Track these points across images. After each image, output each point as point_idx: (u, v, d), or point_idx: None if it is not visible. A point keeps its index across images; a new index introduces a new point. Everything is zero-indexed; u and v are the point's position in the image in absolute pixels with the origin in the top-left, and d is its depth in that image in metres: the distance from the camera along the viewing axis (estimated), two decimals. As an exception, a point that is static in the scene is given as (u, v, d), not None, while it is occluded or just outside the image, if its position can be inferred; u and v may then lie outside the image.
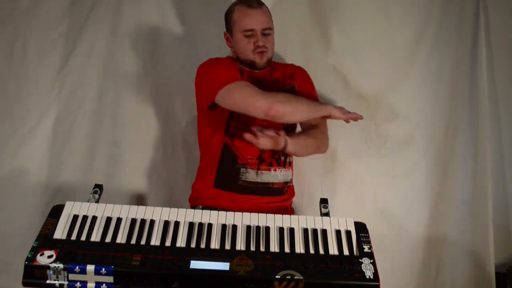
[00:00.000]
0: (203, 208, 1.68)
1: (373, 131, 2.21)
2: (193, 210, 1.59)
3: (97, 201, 1.63)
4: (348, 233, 1.56)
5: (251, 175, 1.81)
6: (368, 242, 1.54)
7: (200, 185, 1.90)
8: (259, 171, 1.81)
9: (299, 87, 1.93)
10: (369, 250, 1.50)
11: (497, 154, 2.24)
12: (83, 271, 1.37)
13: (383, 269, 1.46)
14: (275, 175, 1.84)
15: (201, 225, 1.54)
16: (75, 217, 1.53)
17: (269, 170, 1.83)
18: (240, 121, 1.80)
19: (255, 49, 1.80)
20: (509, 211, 2.31)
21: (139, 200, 2.27)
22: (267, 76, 1.88)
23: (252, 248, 1.49)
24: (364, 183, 2.24)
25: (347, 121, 1.79)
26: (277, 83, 1.90)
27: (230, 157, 1.82)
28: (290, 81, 1.92)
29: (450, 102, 2.21)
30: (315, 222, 1.59)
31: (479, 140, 2.18)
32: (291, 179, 1.94)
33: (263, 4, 1.84)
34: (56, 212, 1.54)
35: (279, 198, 1.86)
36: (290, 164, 1.91)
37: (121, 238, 1.49)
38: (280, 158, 1.85)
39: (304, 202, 2.23)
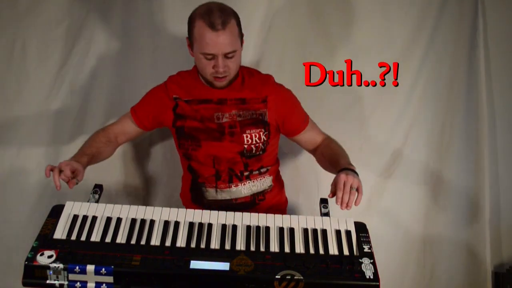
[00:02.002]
0: None
1: (369, 130, 2.21)
2: (193, 210, 1.59)
3: (97, 201, 1.63)
4: (348, 233, 1.56)
5: (211, 194, 1.81)
6: (368, 242, 1.54)
7: (184, 199, 1.94)
8: (218, 189, 1.80)
9: (271, 115, 1.76)
10: (369, 250, 1.50)
11: (492, 154, 2.25)
12: (83, 271, 1.37)
13: (380, 269, 1.45)
14: (237, 191, 1.81)
15: (201, 225, 1.54)
16: (75, 217, 1.53)
17: (229, 187, 1.80)
18: (188, 143, 1.78)
19: (215, 74, 1.65)
20: (507, 211, 2.32)
21: (140, 200, 2.27)
22: (230, 93, 1.75)
23: (252, 248, 1.49)
24: (362, 183, 2.24)
25: None
26: (242, 103, 1.75)
27: (194, 176, 1.83)
28: (260, 107, 1.76)
29: (447, 102, 2.21)
30: (315, 222, 1.59)
31: (476, 140, 2.19)
32: (270, 186, 1.87)
33: (230, 20, 1.59)
34: (56, 212, 1.55)
35: (251, 210, 1.80)
36: (266, 172, 1.85)
37: (121, 238, 1.49)
38: (242, 174, 1.79)
39: (301, 202, 2.23)
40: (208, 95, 1.75)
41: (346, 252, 1.51)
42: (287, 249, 1.50)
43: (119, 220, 1.54)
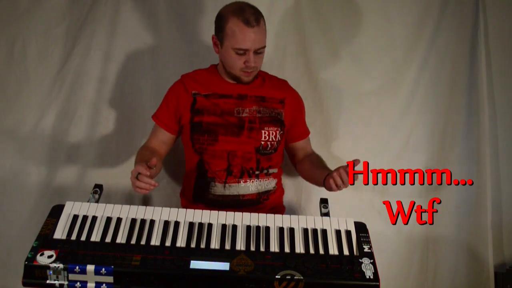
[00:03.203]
0: None
1: (371, 130, 2.22)
2: (193, 210, 1.59)
3: (97, 201, 1.63)
4: (348, 233, 1.56)
5: (219, 189, 1.82)
6: (368, 242, 1.54)
7: (183, 198, 1.94)
8: (226, 184, 1.81)
9: (287, 116, 1.87)
10: (369, 250, 1.50)
11: (494, 154, 2.24)
12: (83, 271, 1.37)
13: (381, 269, 1.45)
14: (246, 187, 1.83)
15: (201, 225, 1.54)
16: (75, 217, 1.53)
17: (238, 182, 1.81)
18: (204, 138, 1.81)
19: (244, 68, 1.74)
20: (508, 211, 2.31)
21: (140, 200, 2.27)
22: (251, 90, 1.84)
23: (252, 248, 1.49)
24: (361, 182, 2.24)
25: None
26: (262, 101, 1.84)
27: (203, 171, 1.84)
28: (277, 107, 1.86)
29: (449, 102, 2.21)
30: (315, 222, 1.59)
31: (478, 140, 2.19)
32: (274, 188, 1.91)
33: (261, 18, 1.71)
34: (56, 212, 1.55)
35: (254, 207, 1.84)
36: (272, 174, 1.89)
37: (121, 238, 1.49)
38: (252, 172, 1.83)
39: (302, 202, 2.23)
40: (228, 91, 1.82)
41: (346, 252, 1.51)
42: (287, 249, 1.50)
43: (119, 220, 1.53)
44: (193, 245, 1.48)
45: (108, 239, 1.48)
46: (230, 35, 1.68)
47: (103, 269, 1.38)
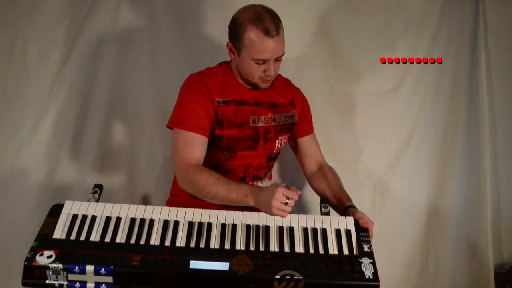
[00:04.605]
0: None
1: (373, 130, 2.22)
2: (192, 209, 1.59)
3: (97, 201, 1.63)
4: (348, 232, 1.56)
5: None
6: (368, 242, 1.53)
7: (175, 195, 1.87)
8: None
9: (299, 116, 1.85)
10: (369, 250, 1.50)
11: (493, 155, 2.24)
12: (83, 271, 1.37)
13: (381, 269, 1.45)
14: None
15: (200, 224, 1.54)
16: (75, 217, 1.53)
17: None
18: (222, 154, 1.74)
19: (264, 77, 1.66)
20: (508, 211, 2.31)
21: (140, 200, 2.27)
22: (265, 95, 1.76)
23: (252, 248, 1.49)
24: (363, 182, 2.25)
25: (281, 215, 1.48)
26: (274, 107, 1.78)
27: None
28: (290, 109, 1.82)
29: (449, 102, 2.21)
30: (315, 221, 1.59)
31: (478, 140, 2.19)
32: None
33: (280, 24, 1.60)
34: (55, 211, 1.54)
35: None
36: (268, 175, 1.91)
37: (120, 238, 1.48)
38: (261, 177, 1.85)
39: (303, 202, 2.23)
40: (245, 96, 1.74)
41: (346, 251, 1.50)
42: (287, 249, 1.50)
43: (118, 219, 1.53)
44: (192, 244, 1.48)
45: (107, 238, 1.48)
46: (249, 46, 1.59)
47: (103, 269, 1.37)
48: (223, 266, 1.41)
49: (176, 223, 1.54)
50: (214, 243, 1.49)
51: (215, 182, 1.55)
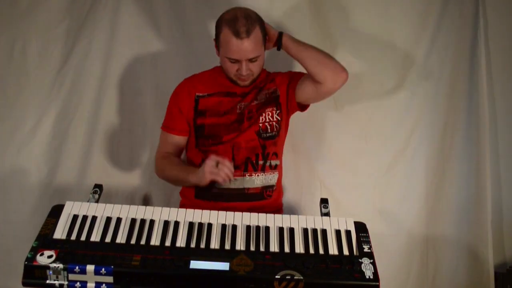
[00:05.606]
0: None
1: (373, 130, 2.22)
2: (193, 210, 1.59)
3: (97, 201, 1.63)
4: (348, 233, 1.56)
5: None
6: (368, 242, 1.53)
7: (184, 197, 1.94)
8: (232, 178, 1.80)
9: (280, 86, 1.89)
10: (369, 250, 1.50)
11: (494, 155, 2.24)
12: (83, 271, 1.38)
13: (381, 269, 1.45)
14: (251, 180, 1.83)
15: (201, 225, 1.54)
16: (75, 217, 1.53)
17: (243, 175, 1.82)
18: (208, 142, 1.84)
19: (237, 75, 1.76)
20: (509, 211, 2.31)
21: (140, 200, 2.27)
22: (253, 87, 1.86)
23: (252, 248, 1.49)
24: (363, 182, 2.25)
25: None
26: (259, 91, 1.87)
27: None
28: (270, 86, 1.89)
29: (448, 102, 2.21)
30: (315, 222, 1.59)
31: (478, 140, 2.18)
32: (275, 185, 1.91)
33: (254, 28, 1.67)
34: (56, 212, 1.55)
35: (258, 203, 1.85)
36: (276, 167, 1.89)
37: (121, 238, 1.49)
38: (257, 163, 1.84)
39: (303, 203, 2.23)
40: (233, 89, 1.85)
41: (346, 252, 1.51)
42: (287, 249, 1.50)
43: (119, 220, 1.53)
44: (193, 245, 1.48)
45: (108, 239, 1.48)
46: (223, 45, 1.71)
47: (103, 269, 1.38)
48: (224, 266, 1.41)
49: (177, 224, 1.54)
50: (215, 243, 1.50)
51: (172, 167, 1.84)
